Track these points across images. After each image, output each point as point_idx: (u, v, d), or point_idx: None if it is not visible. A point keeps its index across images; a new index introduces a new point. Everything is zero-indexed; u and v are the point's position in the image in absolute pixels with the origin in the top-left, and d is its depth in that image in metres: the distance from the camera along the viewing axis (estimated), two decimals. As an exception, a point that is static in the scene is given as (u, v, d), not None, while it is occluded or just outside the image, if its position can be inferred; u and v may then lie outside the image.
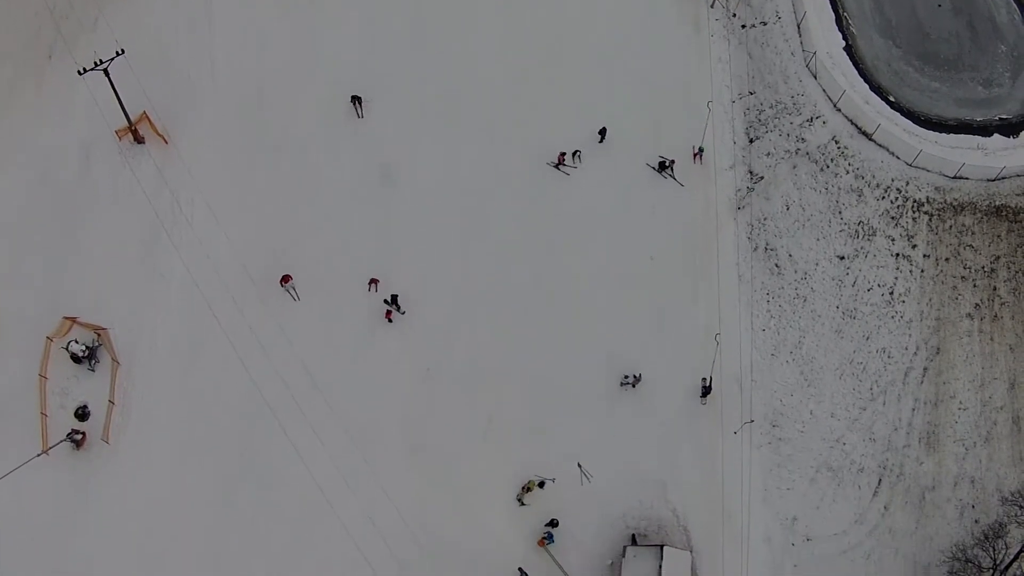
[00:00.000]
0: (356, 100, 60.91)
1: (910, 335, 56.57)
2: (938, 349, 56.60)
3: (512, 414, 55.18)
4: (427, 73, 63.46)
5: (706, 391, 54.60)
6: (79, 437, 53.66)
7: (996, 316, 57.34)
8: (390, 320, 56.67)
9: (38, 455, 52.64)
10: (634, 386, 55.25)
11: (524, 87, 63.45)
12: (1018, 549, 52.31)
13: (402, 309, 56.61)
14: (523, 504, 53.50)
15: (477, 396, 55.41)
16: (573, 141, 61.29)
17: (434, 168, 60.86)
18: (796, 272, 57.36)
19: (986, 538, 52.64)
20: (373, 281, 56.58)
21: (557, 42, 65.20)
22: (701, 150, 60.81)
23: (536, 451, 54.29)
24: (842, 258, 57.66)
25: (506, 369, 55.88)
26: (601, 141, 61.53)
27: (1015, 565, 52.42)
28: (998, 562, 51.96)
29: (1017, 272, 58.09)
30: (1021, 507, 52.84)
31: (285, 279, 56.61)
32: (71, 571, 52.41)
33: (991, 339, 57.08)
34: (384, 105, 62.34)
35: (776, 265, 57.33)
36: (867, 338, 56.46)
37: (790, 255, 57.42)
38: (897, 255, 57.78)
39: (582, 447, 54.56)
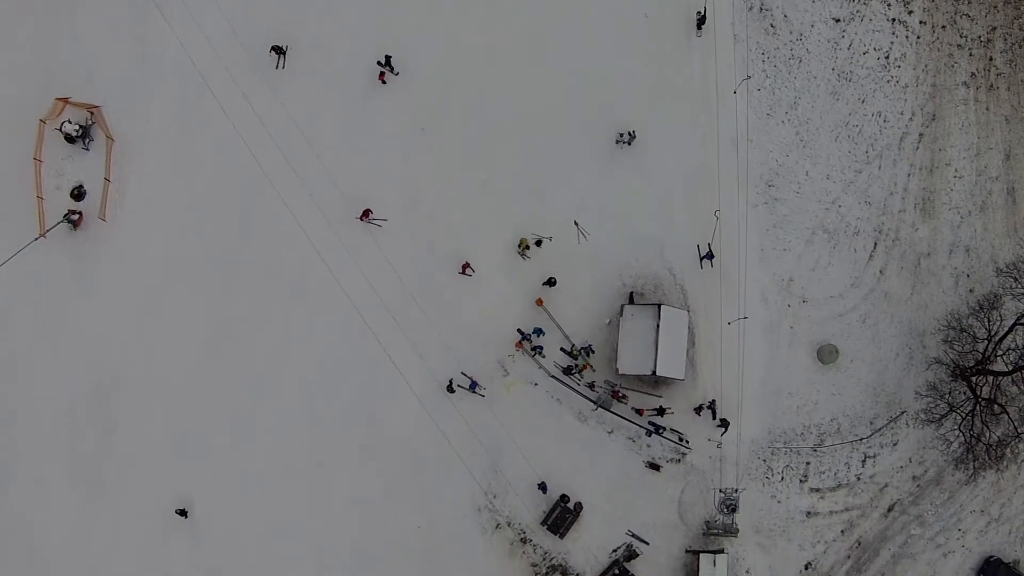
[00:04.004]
0: None
1: (905, 100, 54.83)
2: (934, 116, 55.00)
3: (507, 173, 53.17)
4: None
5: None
6: (76, 217, 52.87)
7: (992, 87, 55.83)
8: (383, 82, 53.77)
9: (36, 239, 52.15)
10: (629, 144, 52.80)
11: None
12: (1013, 321, 51.01)
13: (395, 70, 53.53)
14: (526, 257, 51.60)
15: (472, 156, 53.33)
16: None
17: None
18: (791, 33, 55.11)
19: (981, 308, 51.62)
20: (366, 212, 53.01)
21: None
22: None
23: (532, 210, 52.56)
24: (838, 20, 55.49)
25: (501, 129, 53.53)
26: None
27: (1009, 338, 51.07)
28: (992, 333, 50.69)
29: (1013, 44, 56.54)
30: (1016, 279, 51.66)
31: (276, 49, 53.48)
32: (74, 350, 52.98)
33: (987, 109, 55.63)
34: None
35: (771, 25, 54.97)
36: (863, 101, 54.58)
37: (785, 16, 55.08)
38: (893, 20, 55.79)
39: (578, 206, 52.74)
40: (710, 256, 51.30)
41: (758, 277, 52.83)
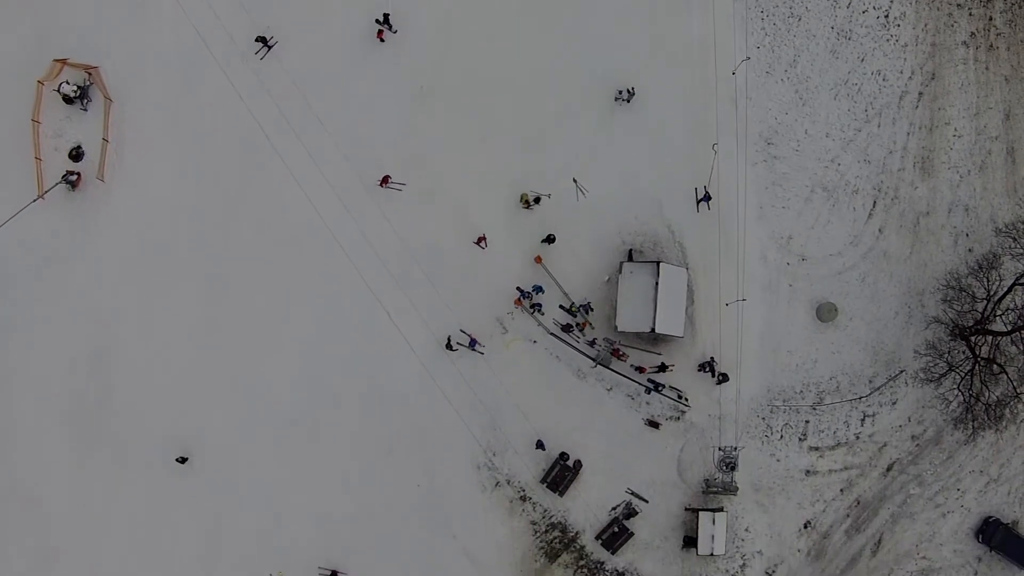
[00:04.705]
0: None
1: (905, 59, 54.65)
2: (933, 75, 54.83)
3: (506, 130, 52.96)
4: None
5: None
6: (74, 178, 52.66)
7: (992, 46, 55.64)
8: (382, 40, 53.44)
9: (34, 200, 52.03)
10: (628, 101, 52.61)
11: None
12: (1012, 281, 50.94)
13: (394, 28, 53.24)
14: (527, 208, 51.75)
15: (471, 113, 53.08)
16: None
17: None
18: (790, -11, 54.77)
19: (980, 268, 51.55)
20: (386, 178, 52.82)
21: None
22: None
23: (531, 167, 52.42)
24: (837, -22, 55.21)
25: (499, 85, 53.25)
26: None
27: (1008, 298, 51.00)
28: (992, 293, 50.60)
29: (1013, 4, 56.33)
30: (1015, 239, 51.60)
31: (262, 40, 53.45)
32: (73, 310, 52.89)
33: (986, 68, 55.44)
34: None
35: (770, -20, 54.62)
36: (862, 60, 54.41)
37: (785, -28, 54.78)
38: (893, -22, 55.53)
39: (577, 163, 52.52)
40: (707, 199, 51.21)
41: (757, 235, 52.78)
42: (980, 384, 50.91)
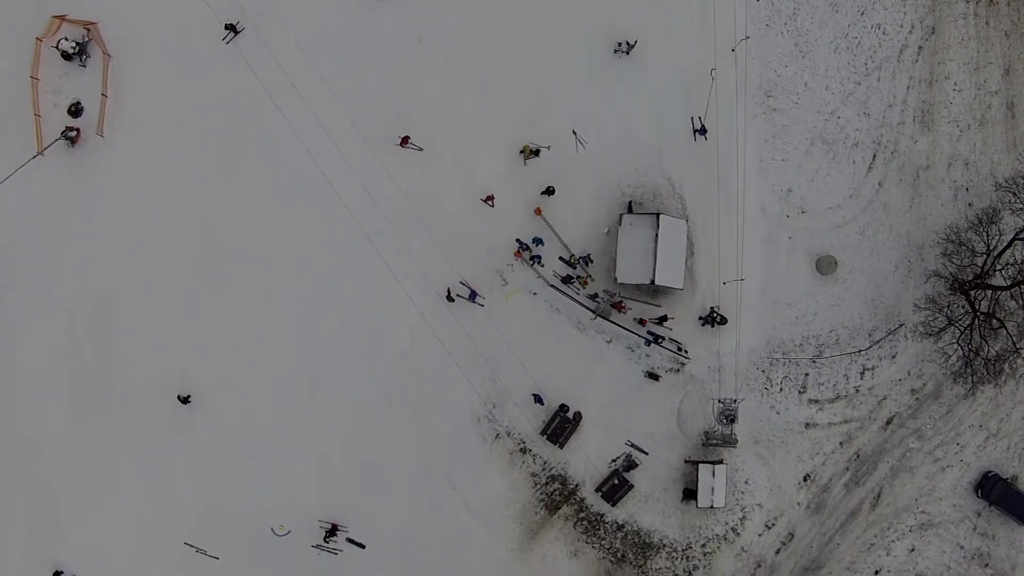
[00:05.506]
0: None
1: (905, 13, 54.52)
2: (933, 29, 54.69)
3: (505, 82, 52.77)
4: None
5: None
6: (73, 134, 52.58)
7: (992, 1, 55.54)
8: None
9: (34, 156, 51.95)
10: (627, 53, 52.48)
11: None
12: (1012, 236, 50.88)
13: None
14: (530, 159, 51.60)
15: (470, 65, 52.87)
16: None
17: None
18: (790, -58, 54.62)
19: (979, 222, 51.46)
20: (405, 139, 52.61)
21: None
22: None
23: (530, 119, 52.22)
24: (838, -70, 55.09)
25: (499, 38, 53.01)
26: None
27: (1008, 252, 51.00)
28: (991, 248, 50.58)
29: (1013, -42, 56.13)
30: (1015, 193, 51.51)
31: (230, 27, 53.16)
32: (73, 265, 52.90)
33: (986, 23, 55.30)
34: None
35: (770, -66, 54.47)
36: (862, 13, 54.27)
37: (784, -76, 54.63)
38: (893, -69, 55.40)
39: (576, 115, 52.33)
40: (703, 131, 51.05)
41: (757, 187, 52.56)
42: (980, 339, 50.89)
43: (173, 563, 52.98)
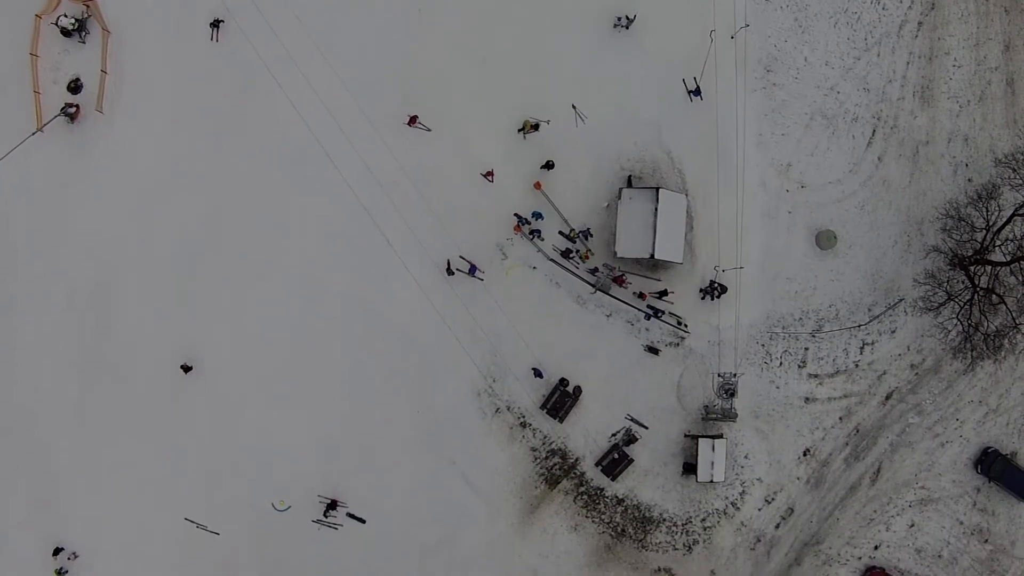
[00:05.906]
0: None
1: (905, -12, 54.28)
2: (933, 4, 54.66)
3: (505, 56, 52.69)
4: None
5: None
6: (72, 110, 52.83)
7: (991, -23, 55.35)
8: None
9: (33, 133, 52.23)
10: (627, 28, 52.44)
11: None
12: (1011, 212, 50.85)
13: None
14: (529, 134, 51.60)
15: (470, 38, 52.79)
16: None
17: None
18: (788, -82, 54.58)
19: (979, 198, 51.41)
20: (413, 119, 52.54)
21: None
22: None
23: (530, 93, 52.17)
24: (837, -96, 55.02)
25: (498, 11, 52.95)
26: None
27: (1007, 228, 50.98)
28: (991, 223, 50.55)
29: (1013, -66, 56.08)
30: (1014, 169, 51.45)
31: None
32: (73, 241, 53.23)
33: (986, -1, 55.13)
34: None
35: (767, -91, 54.41)
36: (862, -12, 54.07)
37: (784, -101, 54.59)
38: (893, -94, 55.32)
39: (576, 89, 52.26)
40: (698, 92, 50.94)
41: (756, 162, 52.50)
42: (979, 314, 50.87)
43: (174, 539, 52.60)
